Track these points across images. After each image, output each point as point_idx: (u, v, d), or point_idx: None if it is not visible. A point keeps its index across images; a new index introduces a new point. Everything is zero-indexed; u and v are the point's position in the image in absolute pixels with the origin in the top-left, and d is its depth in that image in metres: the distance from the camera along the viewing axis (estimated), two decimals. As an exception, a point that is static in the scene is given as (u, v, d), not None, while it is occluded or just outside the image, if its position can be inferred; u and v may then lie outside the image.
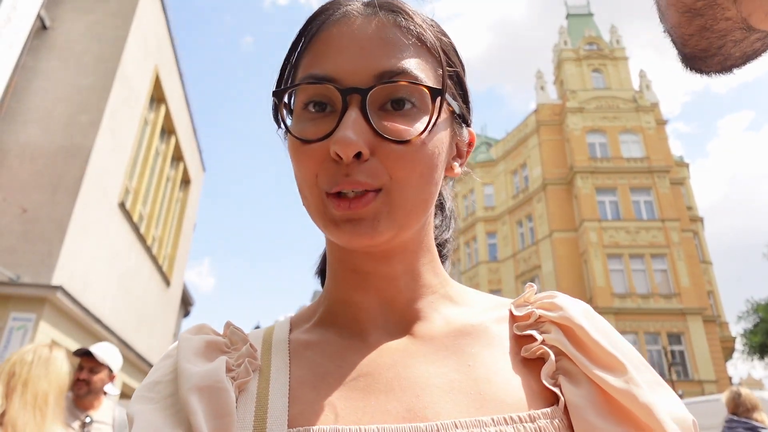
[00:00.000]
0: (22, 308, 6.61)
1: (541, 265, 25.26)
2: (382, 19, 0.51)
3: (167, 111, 11.11)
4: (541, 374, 0.49)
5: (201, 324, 0.58)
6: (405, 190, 0.49)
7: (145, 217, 10.57)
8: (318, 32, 0.52)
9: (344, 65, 0.49)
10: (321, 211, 0.50)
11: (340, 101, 0.48)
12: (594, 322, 0.53)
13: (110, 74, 8.01)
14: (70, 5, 8.35)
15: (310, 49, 0.52)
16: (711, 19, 0.33)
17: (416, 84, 0.49)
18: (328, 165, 0.48)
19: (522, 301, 0.57)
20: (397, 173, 0.48)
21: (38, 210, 6.97)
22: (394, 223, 0.49)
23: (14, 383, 1.64)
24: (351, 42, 0.50)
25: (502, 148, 30.19)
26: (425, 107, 0.50)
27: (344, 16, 0.52)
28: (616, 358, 0.48)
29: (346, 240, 0.48)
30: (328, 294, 0.58)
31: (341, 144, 0.46)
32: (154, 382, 0.51)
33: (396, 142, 0.48)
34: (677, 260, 22.70)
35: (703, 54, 0.35)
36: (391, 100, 0.49)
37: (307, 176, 0.50)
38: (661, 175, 24.51)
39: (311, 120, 0.50)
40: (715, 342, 22.05)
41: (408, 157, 0.48)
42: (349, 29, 0.51)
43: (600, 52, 28.20)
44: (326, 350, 0.53)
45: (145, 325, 10.80)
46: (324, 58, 0.50)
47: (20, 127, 7.38)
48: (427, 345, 0.53)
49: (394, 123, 0.48)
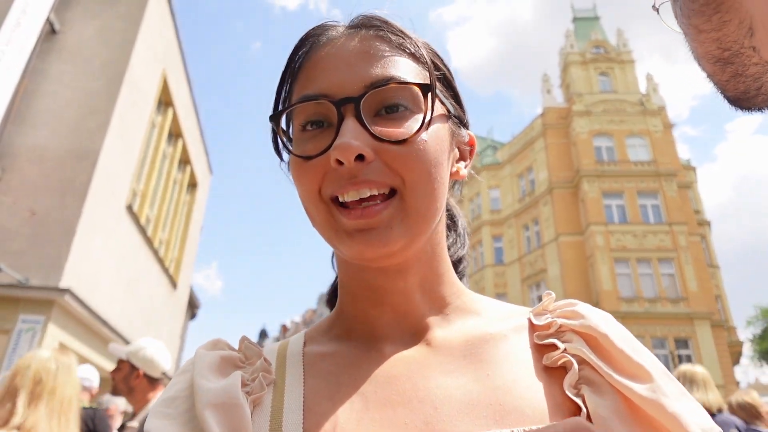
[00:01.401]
0: (31, 310, 6.65)
1: (547, 269, 25.15)
2: (365, 35, 0.53)
3: (175, 114, 11.17)
4: (563, 384, 0.48)
5: (216, 339, 0.58)
6: (417, 193, 0.49)
7: (152, 220, 10.62)
8: (306, 58, 0.54)
9: (335, 81, 0.50)
10: (330, 223, 0.50)
11: (335, 114, 0.49)
12: (617, 330, 0.52)
13: (118, 78, 8.07)
14: (79, 9, 8.43)
15: (300, 74, 0.54)
16: (741, 66, 0.34)
17: (406, 83, 0.50)
18: (331, 174, 0.49)
19: (541, 310, 0.56)
20: (406, 175, 0.49)
21: (47, 213, 7.02)
22: (409, 230, 0.49)
23: (40, 390, 1.65)
24: (338, 61, 0.52)
25: (508, 151, 30.12)
26: (418, 108, 0.51)
27: (329, 39, 0.54)
28: (642, 367, 0.47)
29: (359, 251, 0.48)
30: (341, 310, 0.59)
31: (340, 149, 0.46)
32: (172, 398, 0.51)
33: (395, 143, 0.48)
34: (684, 264, 22.55)
35: (744, 96, 0.36)
36: (385, 107, 0.50)
37: (310, 191, 0.50)
38: (668, 178, 24.37)
39: (310, 138, 0.51)
40: (723, 346, 21.87)
41: (411, 156, 0.49)
42: (335, 50, 0.53)
43: (606, 55, 28.11)
44: (341, 362, 0.53)
45: (152, 328, 10.84)
46: (314, 79, 0.52)
47: (29, 130, 7.45)
48: (444, 355, 0.52)
49: (390, 126, 0.49)
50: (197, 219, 14.29)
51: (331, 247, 0.52)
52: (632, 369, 0.48)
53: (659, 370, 0.49)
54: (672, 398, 0.45)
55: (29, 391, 1.65)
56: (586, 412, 0.45)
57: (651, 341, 21.43)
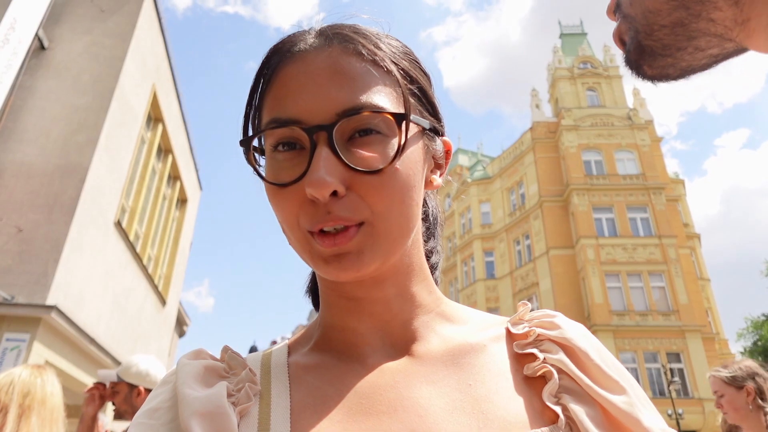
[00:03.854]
0: (16, 328, 6.55)
1: (538, 283, 25.20)
2: (336, 48, 0.51)
3: (164, 130, 11.15)
4: (543, 393, 0.49)
5: (198, 349, 0.57)
6: (387, 221, 0.49)
7: (141, 236, 10.53)
8: (275, 73, 0.52)
9: (305, 105, 0.49)
10: (307, 249, 0.50)
11: (307, 141, 0.48)
12: (592, 342, 0.54)
13: (107, 94, 8.05)
14: (68, 25, 8.42)
15: (270, 91, 0.52)
16: (693, 15, 0.33)
17: (379, 112, 0.48)
18: (306, 206, 0.48)
19: (518, 319, 0.57)
20: (376, 205, 0.48)
21: (34, 229, 6.94)
22: (378, 254, 0.49)
23: (29, 402, 1.67)
24: (308, 80, 0.50)
25: (498, 165, 30.33)
26: (392, 132, 0.49)
27: (299, 52, 0.52)
28: (617, 381, 0.49)
29: (335, 275, 0.49)
30: (322, 320, 0.58)
31: (315, 186, 0.46)
32: (153, 409, 0.51)
33: (369, 173, 0.48)
34: (675, 277, 22.69)
35: (660, 51, 0.35)
36: (357, 131, 0.49)
37: (288, 218, 0.50)
38: (656, 191, 24.62)
39: (283, 161, 0.50)
40: (715, 359, 21.91)
41: (384, 186, 0.48)
42: (305, 67, 0.51)
43: (594, 70, 28.53)
44: (326, 374, 0.53)
45: (140, 345, 10.69)
46: (284, 100, 0.50)
47: (16, 146, 7.39)
48: (426, 365, 0.52)
49: (364, 152, 0.48)
50: (187, 235, 14.20)
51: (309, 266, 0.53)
52: (608, 382, 0.49)
53: (630, 380, 0.51)
54: (645, 412, 0.48)
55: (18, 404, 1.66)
56: (564, 421, 0.47)
57: (643, 355, 21.46)
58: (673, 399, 18.83)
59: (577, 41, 31.19)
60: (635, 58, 0.37)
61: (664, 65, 0.36)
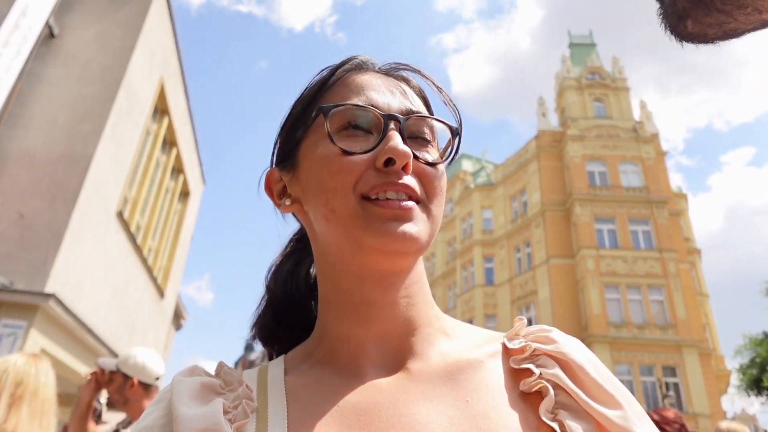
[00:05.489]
0: (14, 315, 6.54)
1: (537, 291, 25.16)
2: (403, 75, 0.63)
3: (170, 122, 11.16)
4: (539, 409, 0.49)
5: (193, 366, 0.58)
6: (435, 208, 0.55)
7: (142, 227, 10.53)
8: (348, 75, 0.59)
9: (380, 99, 0.56)
10: (359, 216, 0.51)
11: (380, 125, 0.54)
12: (589, 357, 0.55)
13: (115, 84, 8.05)
14: (78, 14, 8.43)
15: (342, 85, 0.58)
16: None
17: (442, 122, 0.58)
18: (370, 173, 0.52)
19: (513, 334, 0.58)
20: (430, 191, 0.54)
21: (36, 217, 6.94)
22: (426, 233, 0.53)
23: (21, 392, 1.66)
24: (380, 85, 0.58)
25: (502, 172, 30.31)
26: (437, 144, 0.59)
27: (370, 69, 0.61)
28: (613, 395, 0.50)
29: (392, 237, 0.50)
30: (325, 332, 0.58)
31: (398, 152, 0.51)
32: (148, 427, 0.51)
33: (428, 164, 0.55)
34: (674, 291, 22.64)
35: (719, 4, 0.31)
36: (414, 134, 0.56)
37: (345, 184, 0.52)
38: (659, 205, 24.58)
39: (349, 137, 0.54)
40: (711, 375, 21.88)
41: (435, 178, 0.55)
42: (380, 77, 0.59)
43: (602, 81, 28.50)
44: (323, 390, 0.53)
45: (137, 337, 10.69)
46: (360, 92, 0.57)
47: (21, 133, 7.39)
48: (424, 382, 0.53)
49: (422, 148, 0.56)
50: (188, 228, 14.21)
51: (349, 241, 0.52)
52: (604, 396, 0.50)
53: (626, 395, 0.52)
54: (641, 426, 0.48)
55: (10, 393, 1.65)
56: None
57: (639, 368, 21.41)
58: (668, 413, 18.75)
59: (586, 52, 31.17)
60: (686, 6, 0.32)
61: (712, 22, 0.32)
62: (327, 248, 0.56)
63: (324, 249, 0.57)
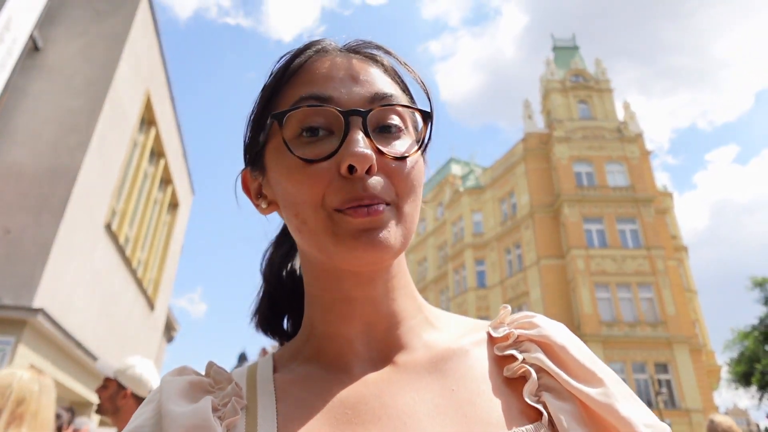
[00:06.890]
0: (1, 331, 6.45)
1: (529, 292, 25.26)
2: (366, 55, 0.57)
3: (157, 133, 11.10)
4: (523, 392, 0.49)
5: (182, 366, 0.58)
6: (409, 205, 0.52)
7: (131, 239, 10.45)
8: (308, 63, 0.55)
9: (340, 89, 0.52)
10: (329, 229, 0.49)
11: (340, 123, 0.50)
12: (571, 339, 0.55)
13: (101, 96, 8.00)
14: (63, 27, 8.39)
15: (298, 78, 0.54)
16: None
17: (409, 107, 0.54)
18: (337, 183, 0.49)
19: (498, 323, 0.58)
20: (401, 189, 0.51)
21: (22, 231, 6.86)
22: (400, 235, 0.51)
23: (22, 411, 1.64)
24: (340, 70, 0.53)
25: (490, 175, 30.45)
26: (409, 132, 0.54)
27: (328, 52, 0.56)
28: (595, 373, 0.50)
29: (362, 250, 0.48)
30: (312, 329, 0.58)
31: (359, 157, 0.47)
32: (138, 427, 0.50)
33: (395, 159, 0.51)
34: (663, 288, 22.83)
35: None
36: (381, 125, 0.52)
37: (312, 197, 0.50)
38: (645, 204, 24.81)
39: (308, 143, 0.51)
40: (702, 371, 22.05)
41: (406, 173, 0.51)
42: (339, 61, 0.54)
43: (586, 83, 28.78)
44: (312, 386, 0.53)
45: (128, 350, 10.57)
46: (317, 84, 0.53)
47: (7, 147, 7.32)
48: (410, 373, 0.53)
49: (390, 140, 0.52)
50: (177, 239, 14.11)
51: (322, 255, 0.51)
52: (586, 375, 0.50)
53: (610, 375, 0.52)
54: (623, 401, 0.48)
55: (10, 411, 1.63)
56: (548, 417, 0.47)
57: (632, 365, 21.53)
58: (661, 410, 18.88)
59: (570, 54, 31.49)
60: None
61: None
62: (304, 251, 0.57)
63: (302, 250, 0.58)
